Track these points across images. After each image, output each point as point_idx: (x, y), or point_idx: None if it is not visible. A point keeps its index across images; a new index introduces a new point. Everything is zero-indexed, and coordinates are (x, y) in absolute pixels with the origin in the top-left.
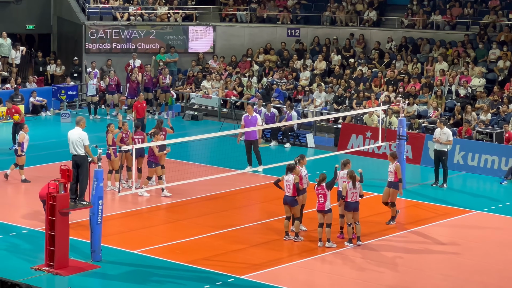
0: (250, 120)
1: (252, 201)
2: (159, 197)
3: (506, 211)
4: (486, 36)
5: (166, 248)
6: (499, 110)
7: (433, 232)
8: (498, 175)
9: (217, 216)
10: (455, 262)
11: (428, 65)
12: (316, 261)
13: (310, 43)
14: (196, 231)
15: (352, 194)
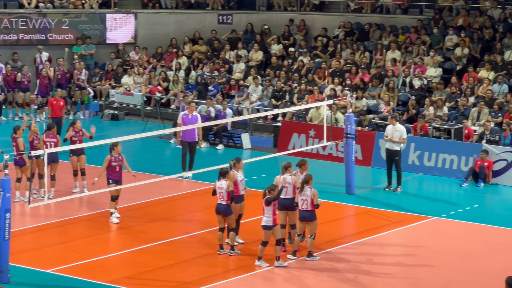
0: (190, 119)
1: (181, 211)
2: (75, 208)
3: (467, 217)
4: (441, 20)
5: (84, 266)
6: (458, 103)
7: (386, 242)
8: (458, 176)
9: (142, 228)
10: (411, 275)
11: (377, 53)
12: (255, 278)
13: (244, 30)
14: (118, 246)
15: (302, 202)
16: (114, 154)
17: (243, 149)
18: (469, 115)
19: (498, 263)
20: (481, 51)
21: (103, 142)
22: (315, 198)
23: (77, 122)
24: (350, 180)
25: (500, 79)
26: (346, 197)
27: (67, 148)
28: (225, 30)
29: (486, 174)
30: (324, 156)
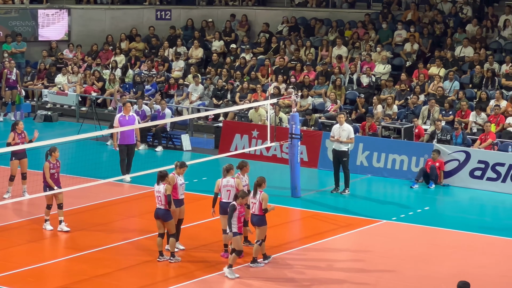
0: (127, 121)
1: (119, 216)
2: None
3: (418, 220)
4: (390, 15)
5: (16, 276)
6: (408, 101)
7: (334, 247)
8: (408, 177)
9: (78, 235)
10: (360, 281)
11: (323, 50)
12: (197, 286)
13: (184, 26)
14: (52, 253)
15: (252, 205)
16: (52, 160)
17: (183, 151)
18: (419, 114)
19: (450, 267)
20: (431, 47)
21: (36, 145)
22: (264, 202)
23: (19, 123)
24: (295, 182)
25: (451, 75)
26: (291, 201)
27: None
28: (163, 26)
29: (437, 175)
30: (268, 158)
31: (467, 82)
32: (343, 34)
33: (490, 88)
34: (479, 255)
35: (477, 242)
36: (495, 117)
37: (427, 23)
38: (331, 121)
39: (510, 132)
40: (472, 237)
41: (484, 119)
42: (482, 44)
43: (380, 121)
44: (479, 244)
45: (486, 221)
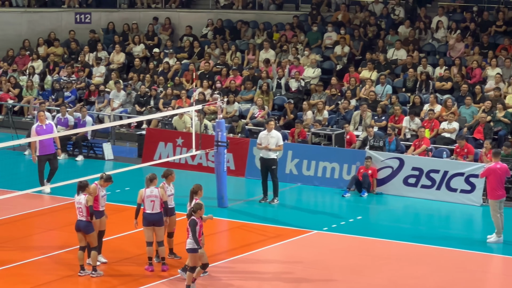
0: (45, 130)
1: (38, 229)
2: None
3: (350, 230)
4: (319, 16)
5: None
6: (339, 106)
7: (263, 259)
8: (340, 186)
9: None
10: None
11: (250, 53)
12: None
13: (104, 30)
14: None
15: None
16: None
17: (105, 160)
18: (351, 119)
19: (383, 278)
20: (363, 49)
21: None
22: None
23: None
24: (222, 192)
25: (383, 79)
26: (218, 211)
27: None
28: (83, 30)
29: (370, 183)
30: (193, 167)
31: (400, 86)
32: (271, 37)
33: (424, 92)
34: (413, 265)
35: (411, 252)
36: (429, 122)
37: (358, 25)
38: (259, 127)
39: (445, 138)
40: (406, 247)
41: (418, 124)
42: (415, 46)
43: (309, 127)
44: (413, 254)
45: (420, 230)
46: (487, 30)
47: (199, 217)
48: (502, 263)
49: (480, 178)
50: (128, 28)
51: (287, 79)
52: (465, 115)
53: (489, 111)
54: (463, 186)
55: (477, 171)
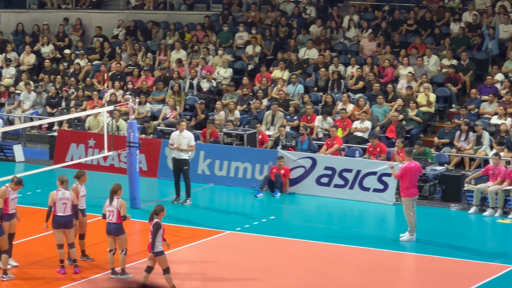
0: None
1: None
2: None
3: (263, 230)
4: (230, 16)
5: None
6: (250, 106)
7: (176, 260)
8: (252, 186)
9: None
10: None
11: (161, 54)
12: None
13: (14, 31)
14: None
15: (109, 213)
16: None
17: (15, 162)
18: (263, 119)
19: (297, 278)
20: (274, 49)
21: None
22: (122, 210)
23: None
24: (134, 193)
25: (294, 78)
26: (131, 212)
27: None
28: None
29: (282, 182)
30: (105, 168)
31: (312, 86)
32: (183, 38)
33: (336, 91)
34: (327, 264)
35: (325, 251)
36: (341, 121)
37: (270, 25)
38: (171, 128)
39: (357, 137)
40: (319, 246)
41: (331, 124)
42: (327, 46)
43: (221, 127)
44: (326, 254)
45: (333, 230)
46: (398, 29)
47: (160, 219)
48: (414, 261)
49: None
50: (38, 29)
51: (199, 79)
52: (377, 114)
53: (401, 110)
54: (376, 185)
55: (389, 170)
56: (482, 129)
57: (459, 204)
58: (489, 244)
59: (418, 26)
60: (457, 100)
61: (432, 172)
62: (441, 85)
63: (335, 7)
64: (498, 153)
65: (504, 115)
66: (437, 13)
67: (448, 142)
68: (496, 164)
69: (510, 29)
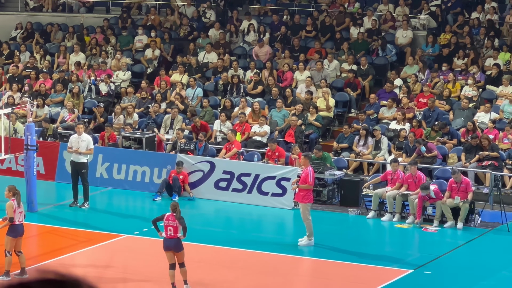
0: None
1: None
2: None
3: None
4: (130, 19)
5: None
6: (149, 109)
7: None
8: (151, 189)
9: None
10: None
11: (61, 56)
12: None
13: None
14: None
15: (19, 215)
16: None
17: None
18: (161, 123)
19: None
20: (174, 52)
21: None
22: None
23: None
24: (32, 196)
25: (193, 82)
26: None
27: None
28: None
29: (180, 186)
30: (2, 171)
31: (211, 89)
32: (82, 40)
33: (235, 95)
34: (225, 269)
35: (223, 255)
36: (240, 126)
37: (169, 28)
38: (69, 131)
39: (256, 141)
40: (217, 250)
41: (229, 128)
42: (226, 50)
43: (120, 130)
44: (225, 258)
45: (232, 234)
46: (298, 34)
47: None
48: (312, 265)
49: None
50: None
51: (98, 82)
52: (276, 118)
53: (300, 114)
54: (274, 189)
55: (288, 175)
56: (380, 134)
57: (357, 209)
58: (386, 248)
59: (318, 31)
60: (356, 105)
61: (330, 177)
62: (340, 89)
63: (235, 11)
64: (396, 158)
65: (403, 120)
66: (337, 18)
67: (347, 147)
68: (394, 170)
69: (409, 34)
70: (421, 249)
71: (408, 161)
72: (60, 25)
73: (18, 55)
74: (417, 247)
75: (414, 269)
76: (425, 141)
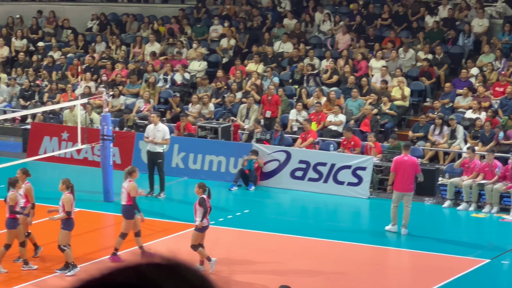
0: None
1: None
2: None
3: (237, 223)
4: (205, 9)
5: None
6: (225, 99)
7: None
8: (227, 179)
9: None
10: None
11: (136, 47)
12: None
13: None
14: None
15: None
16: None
17: None
18: (237, 112)
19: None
20: (249, 42)
21: None
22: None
23: None
24: (108, 186)
25: (269, 71)
26: (104, 205)
27: None
28: None
29: (256, 176)
30: (79, 161)
31: (287, 79)
32: (157, 30)
33: (311, 84)
34: (301, 258)
35: (299, 245)
36: (316, 115)
37: (244, 18)
38: (144, 121)
39: (332, 130)
40: (293, 240)
41: (305, 117)
42: (301, 39)
43: (196, 120)
44: (301, 247)
45: (308, 223)
46: (373, 23)
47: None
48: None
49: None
50: (12, 22)
51: (173, 72)
52: (351, 107)
53: (376, 103)
54: (350, 179)
55: (363, 164)
56: (456, 123)
57: (433, 198)
58: (463, 238)
59: (393, 21)
60: (431, 94)
61: None
62: (415, 79)
63: (311, 1)
64: (472, 147)
65: (479, 109)
66: (412, 7)
67: (423, 136)
68: (471, 158)
69: (484, 23)
70: (498, 239)
71: (485, 150)
72: (136, 15)
73: (94, 46)
74: (494, 236)
75: (491, 258)
76: (504, 127)
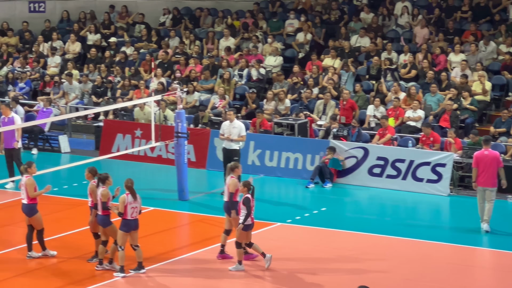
0: (6, 123)
1: None
2: None
3: (314, 221)
4: (280, 3)
5: None
6: (301, 95)
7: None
8: (303, 177)
9: None
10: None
11: (209, 42)
12: None
13: (59, 19)
14: None
15: (132, 210)
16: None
17: (61, 153)
18: (314, 108)
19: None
20: (325, 37)
21: None
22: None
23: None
24: (183, 184)
25: (347, 67)
26: (179, 204)
27: None
28: (37, 19)
29: (332, 173)
30: (153, 159)
31: (363, 74)
32: (231, 25)
33: (389, 79)
34: (380, 257)
35: (377, 243)
36: (394, 111)
37: (320, 12)
38: (219, 118)
39: (410, 126)
40: (371, 238)
41: (383, 113)
42: (378, 33)
43: (272, 117)
44: (379, 246)
45: (386, 221)
46: (452, 16)
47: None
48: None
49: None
50: (84, 17)
51: (248, 68)
52: (430, 102)
53: (456, 98)
54: (429, 175)
55: (443, 160)
56: None
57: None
58: None
59: (473, 13)
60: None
61: None
62: (497, 73)
63: None
64: None
65: None
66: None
67: (505, 132)
68: None
69: None
70: None
71: None
72: (210, 10)
73: (167, 41)
74: None
75: None
76: None
